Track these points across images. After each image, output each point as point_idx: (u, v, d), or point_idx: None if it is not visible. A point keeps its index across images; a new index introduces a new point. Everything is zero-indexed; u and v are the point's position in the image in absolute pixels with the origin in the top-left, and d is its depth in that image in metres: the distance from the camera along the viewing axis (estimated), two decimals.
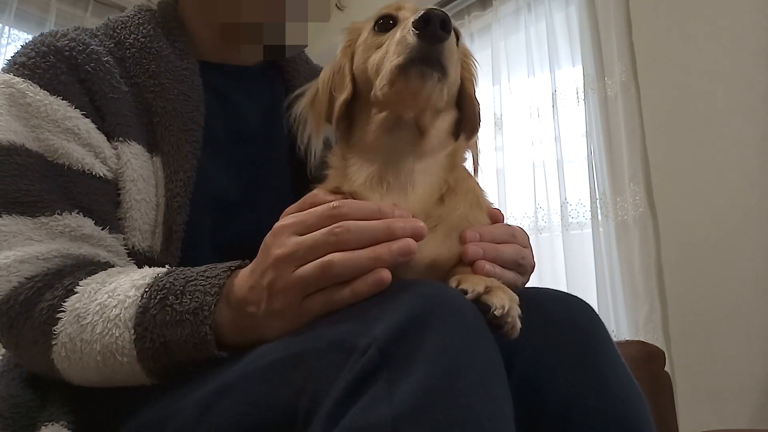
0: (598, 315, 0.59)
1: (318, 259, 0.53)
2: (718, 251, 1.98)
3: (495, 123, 2.73)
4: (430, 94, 0.64)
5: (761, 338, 1.84)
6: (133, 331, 0.60)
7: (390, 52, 0.64)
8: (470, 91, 0.75)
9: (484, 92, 2.87)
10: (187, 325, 0.58)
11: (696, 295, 2.02)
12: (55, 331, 0.62)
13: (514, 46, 2.78)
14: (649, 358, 1.68)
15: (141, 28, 0.83)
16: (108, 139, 0.75)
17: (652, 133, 2.23)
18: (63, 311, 0.62)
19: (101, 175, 0.74)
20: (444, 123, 0.72)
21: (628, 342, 1.87)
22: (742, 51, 2.02)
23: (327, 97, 0.74)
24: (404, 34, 0.62)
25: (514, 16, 2.81)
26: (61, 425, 0.63)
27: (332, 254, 0.53)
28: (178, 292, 0.60)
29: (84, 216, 0.71)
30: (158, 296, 0.60)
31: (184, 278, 0.61)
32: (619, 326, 2.21)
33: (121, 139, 0.75)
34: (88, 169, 0.73)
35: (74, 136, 0.73)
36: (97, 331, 0.61)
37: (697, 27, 2.15)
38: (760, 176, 1.93)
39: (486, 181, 2.68)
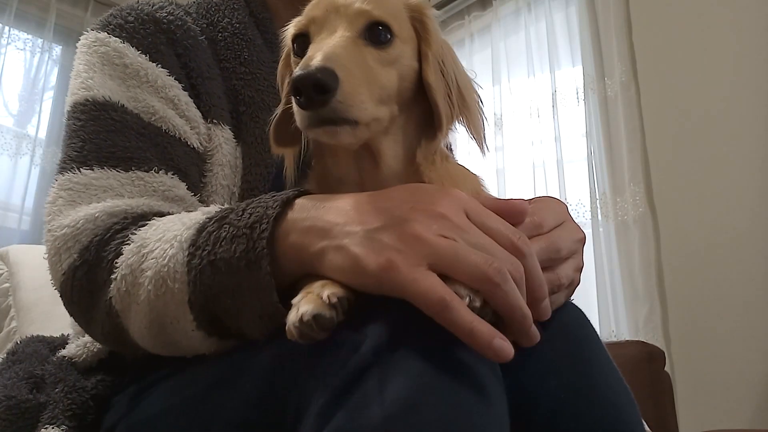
0: (588, 319, 0.58)
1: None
2: (718, 251, 1.98)
3: (495, 123, 2.73)
4: (350, 141, 0.56)
5: (761, 338, 1.84)
6: (186, 252, 0.53)
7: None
8: (428, 77, 0.60)
9: (484, 92, 2.86)
10: (243, 241, 0.50)
11: (696, 295, 2.02)
12: (116, 263, 0.57)
13: (514, 46, 2.78)
14: (649, 358, 1.68)
15: (236, 13, 0.82)
16: (202, 119, 0.73)
17: (652, 133, 2.23)
18: (129, 243, 0.57)
19: (195, 146, 0.72)
20: (399, 135, 0.61)
21: (628, 342, 1.88)
22: (742, 51, 2.02)
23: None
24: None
25: (514, 16, 2.81)
26: (62, 430, 0.63)
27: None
28: (241, 210, 0.53)
29: (180, 179, 0.69)
30: (220, 215, 0.54)
31: (252, 199, 0.55)
32: (619, 326, 2.21)
33: (215, 121, 0.74)
34: (185, 138, 0.71)
35: (173, 105, 0.71)
36: (153, 256, 0.55)
37: (697, 27, 2.15)
38: (760, 176, 1.92)
39: (486, 180, 2.67)
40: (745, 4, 2.03)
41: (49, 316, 1.32)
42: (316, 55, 0.52)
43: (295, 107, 0.54)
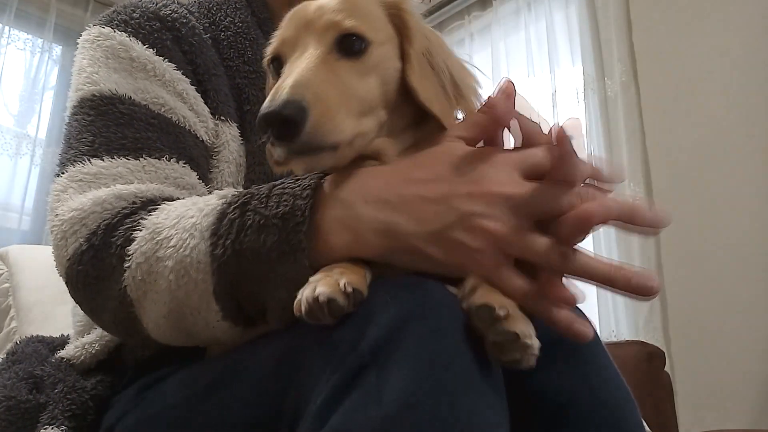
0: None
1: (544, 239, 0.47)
2: (718, 251, 1.98)
3: None
4: (334, 164, 0.53)
5: (761, 338, 1.84)
6: (209, 242, 0.52)
7: None
8: (411, 79, 0.57)
9: (483, 92, 2.86)
10: (273, 231, 0.49)
11: (696, 295, 2.02)
12: (128, 251, 0.55)
13: (514, 46, 2.78)
14: (649, 358, 1.68)
15: (238, 12, 0.82)
16: (210, 115, 0.73)
17: (652, 133, 2.23)
18: (140, 229, 0.56)
19: (205, 139, 0.72)
20: (396, 132, 0.58)
21: (628, 342, 1.87)
22: (742, 51, 2.02)
23: None
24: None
25: (514, 16, 2.81)
26: (62, 430, 0.63)
27: (578, 253, 0.47)
28: (263, 196, 0.52)
29: (191, 169, 0.68)
30: (240, 201, 0.53)
31: (271, 185, 0.53)
32: (619, 326, 2.21)
33: (222, 118, 0.74)
34: (194, 131, 0.70)
35: (182, 99, 0.71)
36: (171, 245, 0.54)
37: (697, 27, 2.15)
38: (761, 176, 1.92)
39: None
40: (745, 5, 2.03)
41: (49, 317, 1.32)
42: (284, 85, 0.50)
43: (268, 144, 0.52)
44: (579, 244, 0.53)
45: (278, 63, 0.58)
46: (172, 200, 0.61)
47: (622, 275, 0.47)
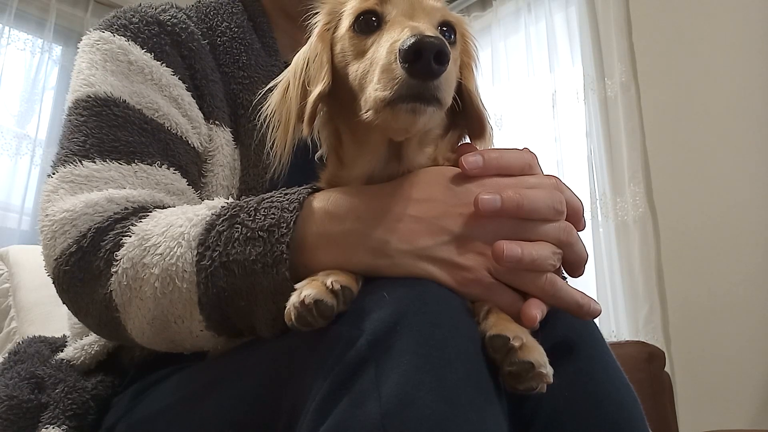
0: (592, 318, 0.59)
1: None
2: (718, 251, 1.98)
3: (495, 123, 2.73)
4: (425, 125, 0.52)
5: (761, 338, 1.84)
6: (195, 252, 0.52)
7: (375, 74, 0.49)
8: (470, 85, 0.60)
9: (484, 92, 2.86)
10: (259, 243, 0.50)
11: (696, 295, 2.02)
12: (117, 256, 0.56)
13: (514, 46, 2.78)
14: (649, 359, 1.68)
15: (234, 17, 0.82)
16: (204, 120, 0.74)
17: (652, 133, 2.23)
18: (129, 235, 0.57)
19: (195, 146, 0.73)
20: (428, 139, 0.58)
21: (628, 342, 1.87)
22: (742, 51, 2.02)
23: (299, 90, 0.58)
24: (390, 60, 0.47)
25: (514, 16, 2.81)
26: (63, 430, 0.63)
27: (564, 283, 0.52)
28: (252, 209, 0.52)
29: (181, 176, 0.69)
30: (228, 213, 0.53)
31: (260, 198, 0.54)
32: (619, 326, 2.21)
33: (216, 123, 0.75)
34: (186, 137, 0.71)
35: (176, 104, 0.72)
36: (159, 252, 0.54)
37: (697, 27, 2.15)
38: (760, 176, 1.93)
39: None
40: (745, 5, 2.03)
41: (49, 317, 1.32)
42: (422, 29, 0.48)
43: (391, 73, 0.47)
44: (577, 246, 0.55)
45: (369, 19, 0.54)
46: (163, 207, 0.62)
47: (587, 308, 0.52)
